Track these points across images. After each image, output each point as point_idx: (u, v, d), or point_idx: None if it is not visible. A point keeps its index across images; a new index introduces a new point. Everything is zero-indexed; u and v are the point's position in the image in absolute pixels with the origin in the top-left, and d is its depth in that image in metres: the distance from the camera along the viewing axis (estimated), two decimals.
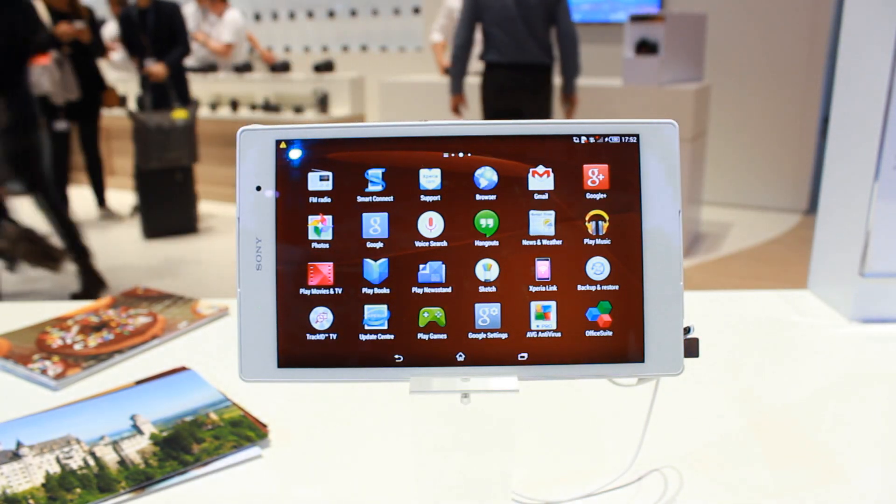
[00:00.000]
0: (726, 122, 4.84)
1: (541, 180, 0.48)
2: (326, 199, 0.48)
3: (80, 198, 5.20)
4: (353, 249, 0.48)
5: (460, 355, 0.48)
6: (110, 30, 6.30)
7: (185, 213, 4.61)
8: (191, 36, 5.76)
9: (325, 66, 5.50)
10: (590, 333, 0.48)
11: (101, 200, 5.08)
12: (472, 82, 3.96)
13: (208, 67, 5.81)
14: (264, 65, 6.08)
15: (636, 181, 0.48)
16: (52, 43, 4.53)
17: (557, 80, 3.74)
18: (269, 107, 5.45)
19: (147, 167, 4.32)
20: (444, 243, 0.48)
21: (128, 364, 0.87)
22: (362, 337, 0.48)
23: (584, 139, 0.48)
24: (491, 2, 3.52)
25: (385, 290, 0.48)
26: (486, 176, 0.48)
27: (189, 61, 5.88)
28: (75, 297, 3.43)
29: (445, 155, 0.48)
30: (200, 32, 5.86)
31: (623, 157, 0.48)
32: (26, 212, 3.83)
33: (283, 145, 0.48)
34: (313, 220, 0.48)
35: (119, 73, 6.40)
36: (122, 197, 5.84)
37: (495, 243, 0.48)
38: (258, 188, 0.48)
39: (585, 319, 0.48)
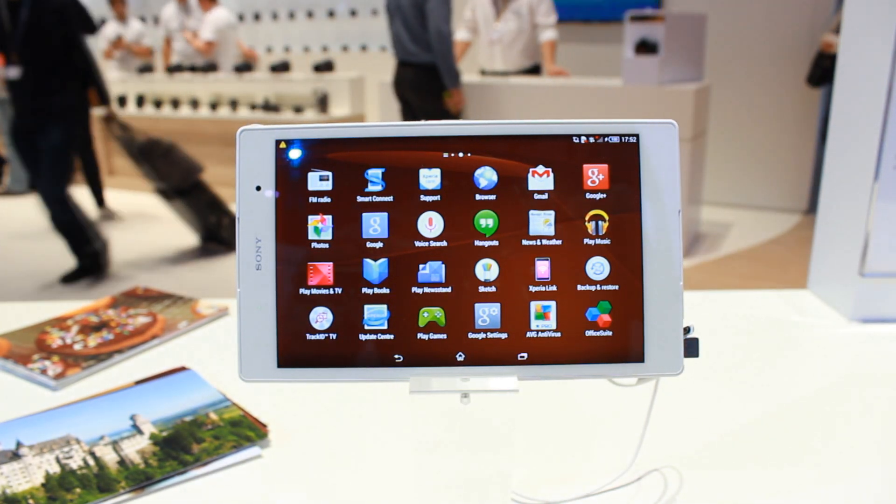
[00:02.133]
0: (726, 122, 4.84)
1: (541, 180, 0.48)
2: (326, 199, 0.48)
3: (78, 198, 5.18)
4: (352, 249, 0.48)
5: (460, 355, 0.48)
6: (111, 29, 6.31)
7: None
8: (181, 34, 5.77)
9: (325, 66, 5.50)
10: (590, 333, 0.48)
11: (99, 201, 4.99)
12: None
13: (209, 67, 5.81)
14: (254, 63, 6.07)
15: (636, 181, 0.48)
16: None
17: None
18: (269, 107, 5.45)
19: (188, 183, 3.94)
20: (444, 243, 0.48)
21: (128, 364, 0.87)
22: (362, 337, 0.48)
23: (584, 139, 0.48)
24: (388, 3, 3.93)
25: (385, 290, 0.48)
26: (486, 176, 0.48)
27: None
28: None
29: (445, 155, 0.48)
30: (188, 31, 5.87)
31: (623, 157, 0.48)
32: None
33: (283, 145, 0.48)
34: (313, 220, 0.48)
35: (119, 72, 6.41)
36: (124, 197, 5.84)
37: (495, 243, 0.48)
38: (258, 188, 0.48)
39: (585, 319, 0.48)
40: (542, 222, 0.48)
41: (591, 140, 0.48)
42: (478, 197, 0.48)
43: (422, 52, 3.88)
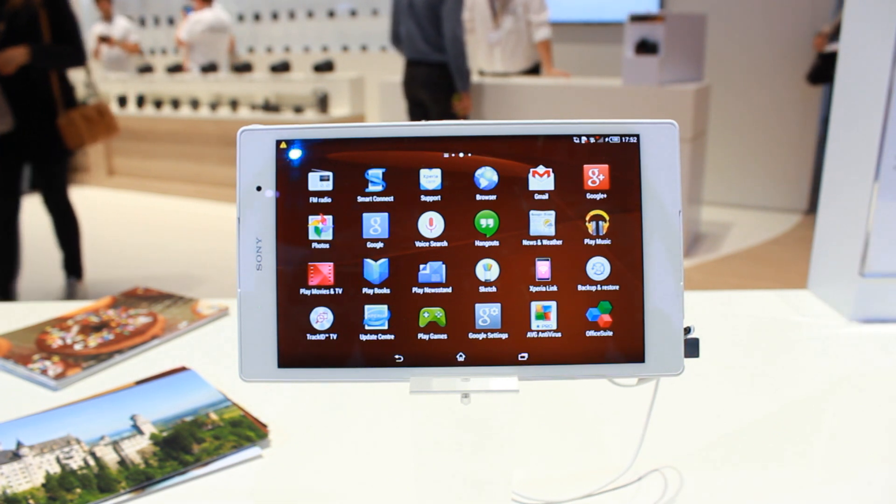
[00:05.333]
0: (726, 122, 4.84)
1: (541, 180, 0.48)
2: (327, 199, 0.48)
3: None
4: (353, 249, 0.48)
5: (460, 355, 0.48)
6: (97, 29, 6.33)
7: None
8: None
9: (325, 66, 5.50)
10: (590, 333, 0.48)
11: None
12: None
13: (209, 67, 5.81)
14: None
15: (636, 181, 0.48)
16: None
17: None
18: (269, 107, 5.45)
19: None
20: (445, 243, 0.48)
21: (128, 364, 0.87)
22: (362, 337, 0.48)
23: (584, 139, 0.48)
24: (398, 1, 3.94)
25: (385, 290, 0.48)
26: (487, 176, 0.48)
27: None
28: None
29: (446, 155, 0.48)
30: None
31: (623, 157, 0.48)
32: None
33: (283, 145, 0.48)
34: (313, 220, 0.48)
35: (118, 73, 6.41)
36: (125, 197, 5.85)
37: (495, 243, 0.48)
38: (258, 188, 0.48)
39: (586, 319, 0.48)
40: (542, 222, 0.48)
41: (592, 140, 0.48)
42: (478, 197, 0.48)
43: (432, 52, 3.89)
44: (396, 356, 0.48)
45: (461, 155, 0.48)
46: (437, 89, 3.95)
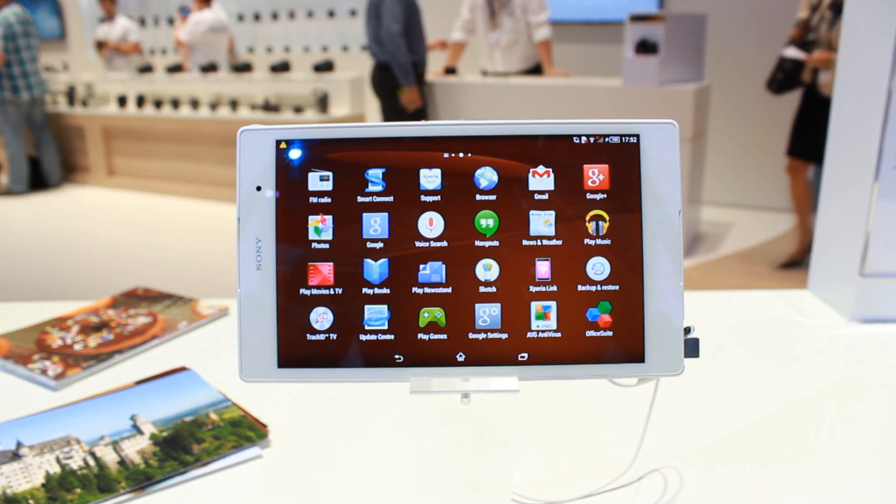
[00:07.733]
0: (726, 122, 4.84)
1: (541, 180, 0.48)
2: (326, 199, 0.48)
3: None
4: (353, 249, 0.48)
5: (460, 355, 0.48)
6: (103, 31, 6.32)
7: None
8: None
9: (325, 66, 5.50)
10: (590, 333, 0.48)
11: None
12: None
13: (209, 67, 5.81)
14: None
15: (636, 181, 0.48)
16: None
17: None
18: (269, 107, 5.45)
19: None
20: (445, 243, 0.48)
21: (128, 364, 0.87)
22: (362, 337, 0.48)
23: (584, 139, 0.48)
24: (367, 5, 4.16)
25: (385, 290, 0.48)
26: (487, 176, 0.48)
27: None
28: None
29: (446, 155, 0.48)
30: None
31: (623, 157, 0.48)
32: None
33: (283, 145, 0.48)
34: (313, 220, 0.48)
35: (119, 73, 6.41)
36: (125, 197, 5.85)
37: (495, 243, 0.48)
38: (258, 188, 0.48)
39: (585, 319, 0.48)
40: (542, 222, 0.48)
41: (592, 140, 0.48)
42: (478, 197, 0.48)
43: (379, 52, 4.07)
44: (396, 356, 0.48)
45: (461, 155, 0.48)
46: (381, 88, 4.13)
